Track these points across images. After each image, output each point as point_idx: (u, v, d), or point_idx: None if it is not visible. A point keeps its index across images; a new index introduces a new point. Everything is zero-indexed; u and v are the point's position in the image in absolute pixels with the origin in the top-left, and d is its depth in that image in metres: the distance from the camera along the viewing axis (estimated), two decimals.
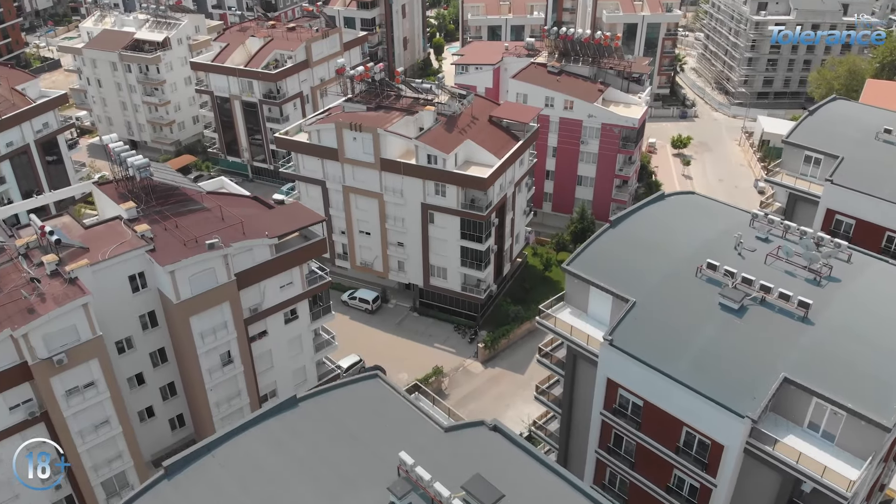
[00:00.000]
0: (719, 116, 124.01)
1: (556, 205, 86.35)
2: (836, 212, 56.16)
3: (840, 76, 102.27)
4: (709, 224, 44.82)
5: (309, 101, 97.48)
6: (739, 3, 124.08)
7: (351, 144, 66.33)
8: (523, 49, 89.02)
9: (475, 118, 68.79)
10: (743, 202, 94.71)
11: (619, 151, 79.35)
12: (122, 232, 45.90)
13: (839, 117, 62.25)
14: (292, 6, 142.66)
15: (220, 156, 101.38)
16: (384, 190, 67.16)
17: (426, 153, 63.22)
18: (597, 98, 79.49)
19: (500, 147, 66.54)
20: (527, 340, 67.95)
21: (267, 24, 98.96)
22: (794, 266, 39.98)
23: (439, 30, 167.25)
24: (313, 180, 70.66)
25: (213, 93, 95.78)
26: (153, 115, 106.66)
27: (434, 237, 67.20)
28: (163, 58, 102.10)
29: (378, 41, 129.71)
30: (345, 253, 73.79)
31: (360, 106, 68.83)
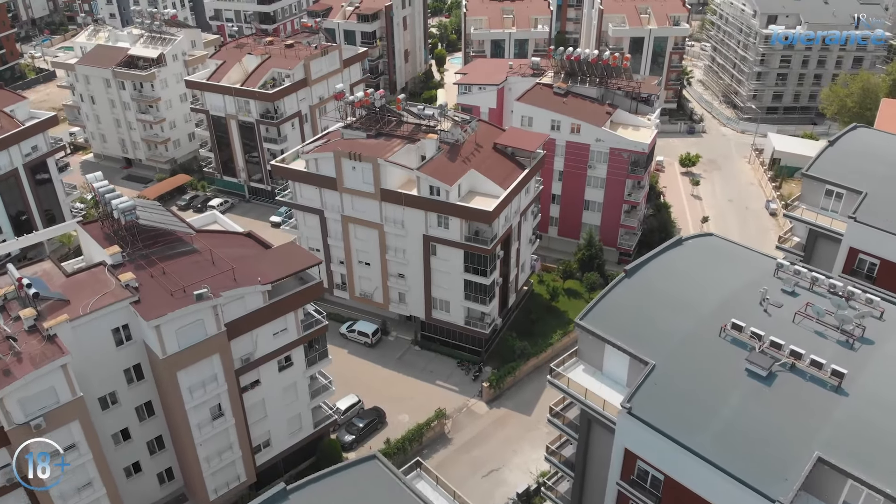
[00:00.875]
0: (728, 132, 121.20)
1: (563, 229, 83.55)
2: (860, 251, 53.44)
3: (853, 93, 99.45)
4: (730, 273, 42.07)
5: (307, 120, 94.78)
6: (748, 16, 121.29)
7: (350, 174, 63.60)
8: (528, 68, 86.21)
9: (479, 145, 66.05)
10: (754, 225, 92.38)
11: (628, 177, 76.54)
12: (105, 280, 43.23)
13: (861, 148, 59.51)
14: (291, 17, 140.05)
15: (216, 175, 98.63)
16: (384, 220, 64.43)
17: (428, 184, 60.48)
18: (605, 121, 76.71)
19: (505, 176, 63.79)
20: (533, 377, 65.17)
21: (264, 41, 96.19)
22: (825, 326, 37.20)
23: (441, 40, 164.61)
24: (311, 209, 67.93)
25: (209, 112, 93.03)
26: (148, 133, 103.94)
27: (436, 269, 64.45)
28: (157, 75, 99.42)
29: (379, 54, 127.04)
30: (343, 283, 71.06)
31: (359, 133, 66.09)
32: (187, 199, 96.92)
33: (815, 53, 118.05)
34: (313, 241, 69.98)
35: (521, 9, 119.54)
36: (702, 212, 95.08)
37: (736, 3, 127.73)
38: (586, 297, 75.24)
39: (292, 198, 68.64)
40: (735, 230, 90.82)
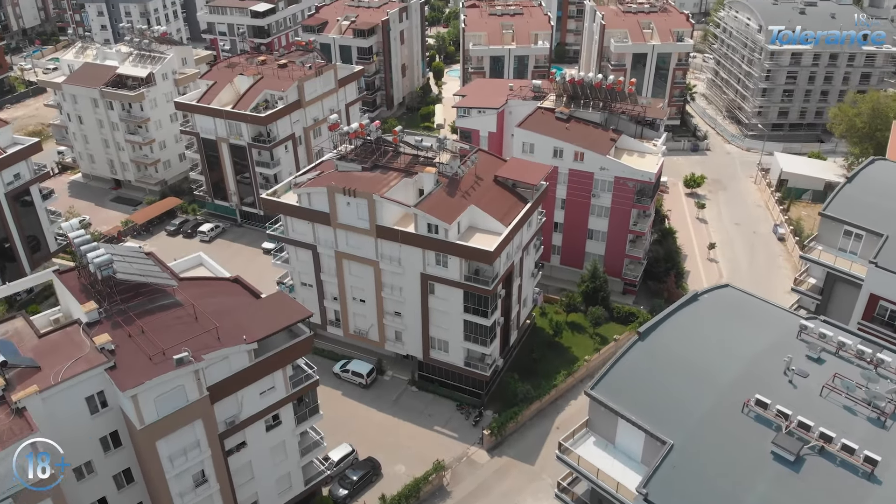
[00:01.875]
0: (732, 149, 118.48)
1: (566, 258, 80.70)
2: (881, 297, 50.70)
3: (862, 113, 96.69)
4: (751, 335, 39.22)
5: (301, 142, 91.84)
6: (753, 31, 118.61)
7: (344, 209, 60.69)
8: (529, 91, 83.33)
9: (479, 178, 63.16)
10: (763, 251, 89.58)
11: (634, 206, 73.71)
12: (80, 343, 40.30)
13: (881, 184, 56.89)
14: (286, 31, 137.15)
15: (207, 199, 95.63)
16: (380, 258, 61.52)
17: (426, 222, 57.57)
18: (609, 148, 73.87)
19: (506, 211, 60.91)
20: (536, 422, 62.31)
21: (256, 61, 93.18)
22: (855, 400, 34.37)
23: (439, 52, 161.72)
24: (303, 244, 65.01)
25: (199, 134, 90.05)
26: (137, 154, 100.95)
27: (435, 309, 61.56)
28: (146, 94, 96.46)
29: (375, 70, 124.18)
30: (337, 320, 68.13)
31: (354, 165, 63.17)
32: (177, 223, 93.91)
33: (822, 69, 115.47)
34: (305, 277, 67.10)
35: (521, 24, 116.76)
36: (708, 237, 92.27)
37: (740, 16, 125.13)
38: (590, 331, 72.51)
39: (284, 232, 65.68)
40: (743, 257, 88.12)
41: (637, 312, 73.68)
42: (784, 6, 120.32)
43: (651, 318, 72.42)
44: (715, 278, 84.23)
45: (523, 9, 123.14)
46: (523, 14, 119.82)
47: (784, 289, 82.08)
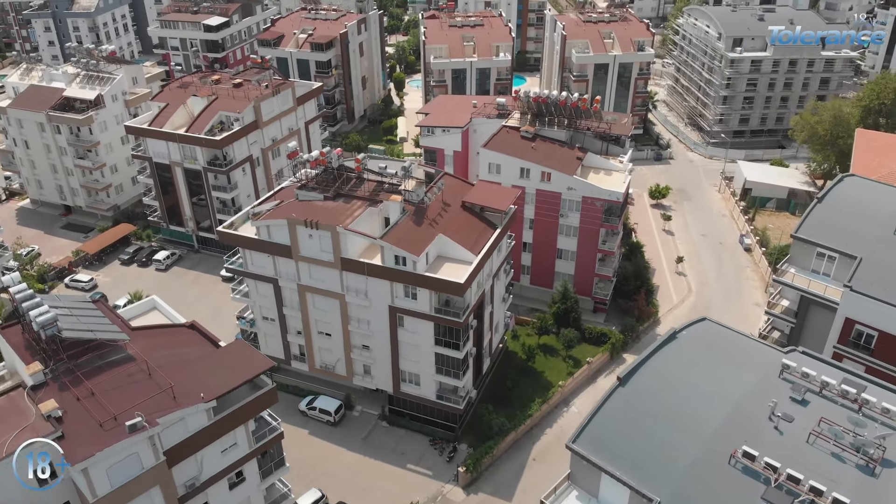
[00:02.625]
0: (695, 157, 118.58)
1: (535, 278, 79.29)
2: (857, 321, 50.08)
3: (824, 121, 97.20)
4: (733, 376, 37.97)
5: (260, 163, 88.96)
6: (713, 39, 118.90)
7: (306, 242, 58.27)
8: (493, 108, 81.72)
9: (446, 204, 61.29)
10: (730, 263, 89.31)
11: (602, 225, 72.58)
12: (24, 409, 37.39)
13: (851, 203, 56.47)
14: (241, 44, 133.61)
15: (162, 225, 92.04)
16: (346, 290, 59.25)
17: (393, 254, 55.49)
18: (575, 168, 72.65)
19: (475, 239, 59.14)
20: (512, 454, 60.65)
21: (210, 80, 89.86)
22: (843, 447, 33.26)
23: (399, 62, 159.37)
24: (263, 277, 62.38)
25: (152, 158, 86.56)
26: (87, 179, 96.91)
27: (404, 342, 59.49)
28: (95, 117, 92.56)
29: (335, 83, 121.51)
30: (302, 354, 65.62)
31: (315, 194, 60.77)
32: (131, 251, 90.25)
33: (782, 76, 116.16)
34: (267, 311, 64.48)
35: (482, 35, 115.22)
36: (675, 250, 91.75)
37: (699, 24, 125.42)
38: (563, 353, 71.16)
39: (243, 266, 62.94)
40: (711, 270, 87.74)
41: (609, 333, 72.55)
42: (742, 13, 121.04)
43: (623, 337, 72.66)
44: (684, 292, 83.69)
45: (483, 19, 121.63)
46: (483, 25, 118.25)
47: (753, 301, 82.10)
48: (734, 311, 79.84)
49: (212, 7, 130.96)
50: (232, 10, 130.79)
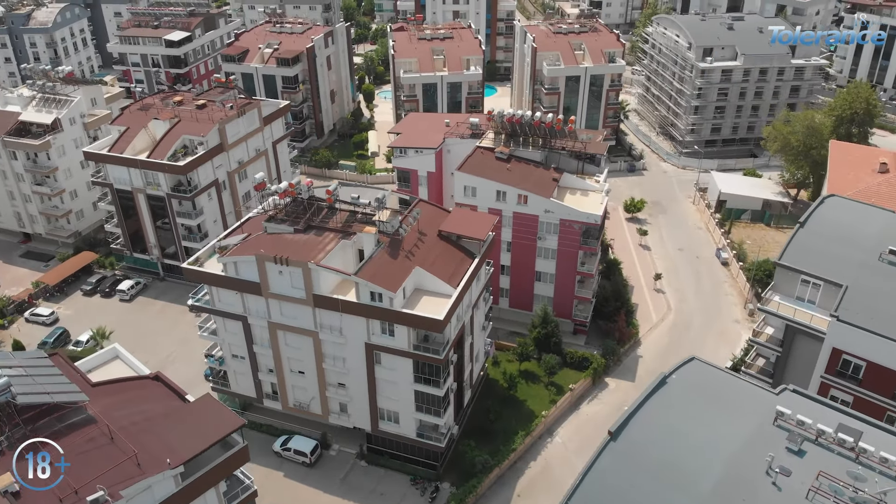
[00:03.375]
0: (668, 168, 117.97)
1: (514, 301, 77.61)
2: (844, 352, 49.14)
3: (797, 132, 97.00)
4: (727, 426, 36.46)
5: (226, 187, 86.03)
6: (683, 49, 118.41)
7: (276, 279, 55.80)
8: (466, 128, 79.86)
9: (422, 234, 59.24)
10: (707, 277, 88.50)
11: (581, 248, 71.12)
12: None
13: (834, 227, 55.62)
14: (204, 59, 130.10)
15: (126, 252, 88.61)
16: (319, 328, 56.89)
17: (369, 290, 53.28)
18: (552, 190, 71.09)
19: (454, 269, 57.19)
20: (496, 491, 58.86)
21: (172, 102, 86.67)
22: (842, 502, 31.92)
23: (368, 73, 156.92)
24: (232, 315, 59.73)
25: (113, 185, 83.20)
26: (46, 206, 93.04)
27: (382, 379, 57.32)
28: (53, 142, 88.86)
29: (303, 98, 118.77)
30: (274, 392, 63.04)
31: (284, 227, 58.29)
32: (93, 282, 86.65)
33: (752, 85, 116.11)
34: (236, 349, 61.86)
35: (452, 48, 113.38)
36: (653, 265, 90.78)
37: (669, 33, 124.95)
38: (545, 380, 69.53)
39: (209, 303, 60.22)
40: (689, 286, 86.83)
41: (591, 357, 71.12)
42: (712, 22, 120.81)
43: (605, 362, 71.26)
44: (663, 310, 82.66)
45: (453, 31, 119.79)
46: (453, 38, 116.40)
47: (732, 317, 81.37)
48: (714, 329, 79.04)
49: (173, 21, 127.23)
50: (194, 24, 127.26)
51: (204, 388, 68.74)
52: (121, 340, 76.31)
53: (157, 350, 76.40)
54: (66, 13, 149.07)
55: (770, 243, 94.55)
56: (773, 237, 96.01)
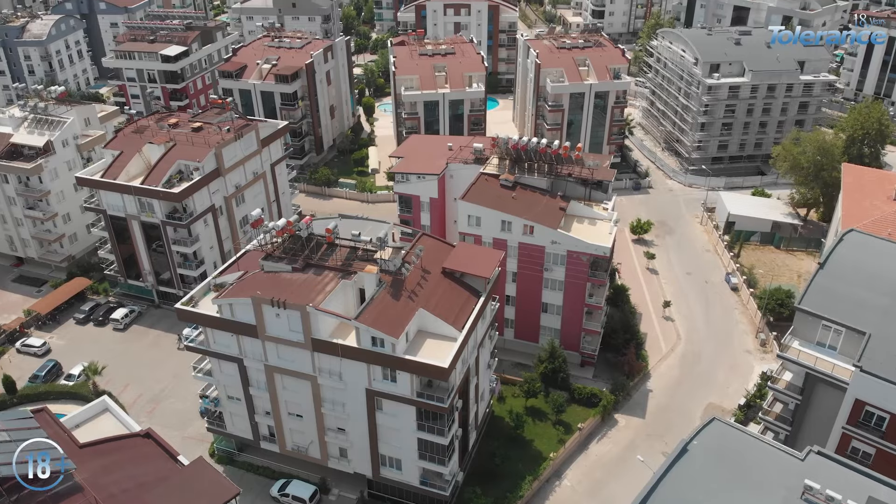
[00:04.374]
0: (675, 186, 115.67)
1: (520, 332, 75.35)
2: (867, 403, 46.84)
3: (807, 152, 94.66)
4: (753, 499, 34.19)
5: (223, 212, 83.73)
6: (689, 64, 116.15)
7: (273, 321, 53.48)
8: (470, 154, 77.60)
9: (426, 271, 56.93)
10: (718, 304, 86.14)
11: (589, 280, 68.83)
12: None
13: (856, 267, 53.29)
14: (201, 73, 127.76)
15: (119, 279, 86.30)
16: (318, 372, 54.56)
17: (370, 335, 50.96)
18: (559, 220, 68.86)
19: (459, 310, 54.88)
20: None
21: (167, 125, 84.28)
22: None
23: (368, 85, 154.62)
24: (228, 357, 57.41)
25: (106, 211, 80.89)
26: (38, 230, 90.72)
27: (384, 425, 54.98)
28: (45, 166, 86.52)
29: (302, 115, 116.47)
30: (272, 434, 60.68)
31: (282, 265, 56.00)
32: (86, 310, 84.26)
33: (760, 101, 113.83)
34: (232, 390, 59.51)
35: (454, 64, 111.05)
36: (661, 290, 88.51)
37: (674, 47, 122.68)
38: (552, 418, 67.25)
39: (204, 344, 57.87)
40: (699, 313, 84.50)
41: (600, 394, 68.80)
42: (718, 37, 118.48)
43: (614, 399, 68.90)
44: (673, 339, 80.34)
45: (454, 46, 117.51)
46: (455, 53, 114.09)
47: (744, 347, 79.06)
48: (725, 361, 76.72)
49: (169, 36, 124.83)
50: (191, 38, 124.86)
51: (199, 426, 66.92)
52: (114, 374, 74.71)
53: (151, 384, 74.14)
54: (61, 25, 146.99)
55: (780, 267, 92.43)
56: (784, 261, 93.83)
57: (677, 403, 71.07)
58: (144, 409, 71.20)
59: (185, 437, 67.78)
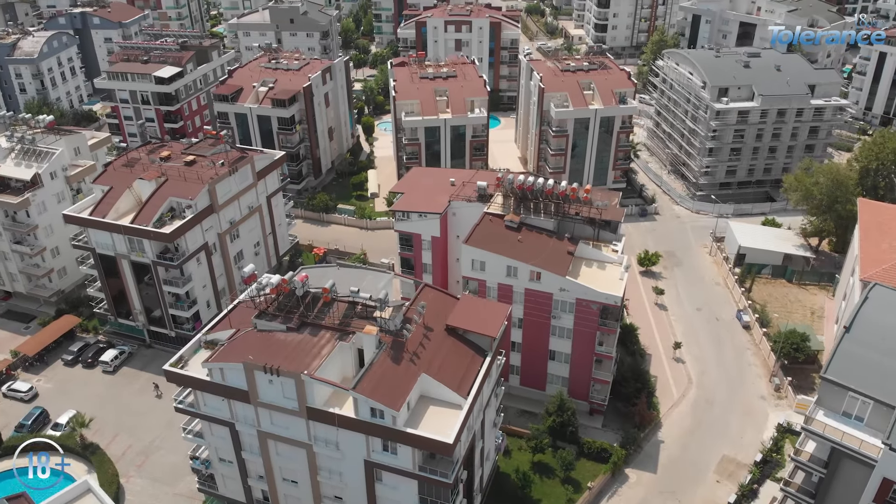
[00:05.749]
0: (682, 212, 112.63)
1: (526, 380, 72.36)
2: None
3: (820, 184, 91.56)
4: None
5: (216, 249, 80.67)
6: (697, 87, 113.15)
7: (266, 387, 50.43)
8: (473, 191, 74.58)
9: (428, 329, 53.86)
10: (729, 343, 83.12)
11: (599, 328, 65.87)
12: None
13: (883, 330, 50.37)
14: (196, 94, 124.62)
15: (110, 318, 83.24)
16: (314, 440, 51.47)
17: (369, 406, 47.91)
18: (567, 265, 65.85)
19: (463, 373, 51.81)
20: None
21: (159, 159, 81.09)
22: None
23: (368, 103, 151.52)
24: (219, 420, 54.36)
25: (95, 250, 77.82)
26: (26, 264, 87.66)
27: (383, 497, 51.89)
28: (32, 199, 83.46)
29: (300, 139, 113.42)
30: (266, 499, 57.59)
31: (276, 324, 52.97)
32: (75, 350, 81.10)
33: (770, 126, 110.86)
34: (224, 453, 56.49)
35: (456, 88, 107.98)
36: (670, 328, 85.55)
37: (681, 69, 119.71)
38: (560, 475, 64.24)
39: (194, 406, 54.81)
40: (710, 354, 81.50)
41: (610, 449, 65.74)
42: (727, 59, 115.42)
43: (624, 453, 65.81)
44: (684, 384, 77.39)
45: (456, 68, 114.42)
46: (457, 76, 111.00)
47: (758, 393, 76.10)
48: (739, 407, 73.75)
49: (163, 56, 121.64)
50: (186, 58, 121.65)
51: (191, 481, 63.96)
52: (102, 422, 71.74)
53: (141, 434, 71.10)
54: (53, 42, 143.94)
55: (793, 303, 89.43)
56: (796, 296, 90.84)
57: (690, 456, 68.06)
58: (134, 462, 68.21)
59: (176, 494, 64.97)
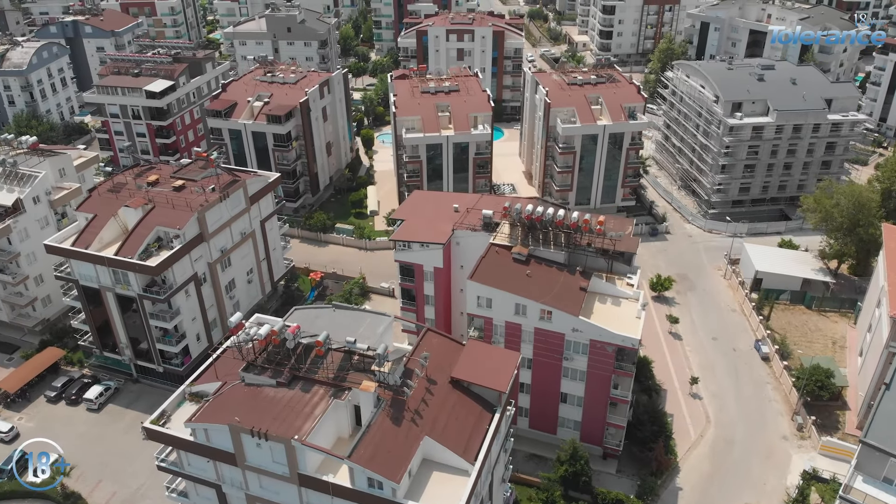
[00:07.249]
0: (693, 231, 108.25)
1: (535, 422, 68.09)
2: None
3: (841, 206, 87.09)
4: None
5: (207, 279, 76.42)
6: (709, 101, 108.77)
7: (254, 451, 46.12)
8: (478, 219, 70.26)
9: (431, 381, 49.51)
10: (747, 377, 78.73)
11: (615, 372, 61.53)
12: None
13: None
14: (189, 108, 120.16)
15: (95, 351, 78.96)
16: None
17: (366, 476, 43.57)
18: (580, 302, 61.47)
19: (470, 432, 47.44)
20: None
21: (146, 184, 76.69)
22: None
23: (367, 114, 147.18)
24: (204, 482, 50.06)
25: (79, 281, 73.55)
26: (8, 293, 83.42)
27: None
28: (14, 226, 79.21)
29: (296, 156, 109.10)
30: None
31: (265, 378, 48.63)
32: (59, 386, 76.84)
33: (785, 142, 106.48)
34: None
35: (458, 103, 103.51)
36: (685, 360, 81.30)
37: (692, 81, 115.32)
38: None
39: (178, 466, 50.49)
40: (729, 389, 77.23)
41: (626, 500, 61.43)
42: (740, 72, 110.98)
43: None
44: (702, 423, 73.14)
45: (458, 82, 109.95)
46: (459, 91, 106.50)
47: (780, 433, 71.82)
48: (760, 449, 69.49)
49: (155, 69, 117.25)
50: (178, 71, 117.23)
51: None
52: (86, 467, 67.62)
53: (127, 479, 66.83)
54: (43, 53, 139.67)
55: (814, 332, 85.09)
56: (817, 324, 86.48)
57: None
58: None
59: None
